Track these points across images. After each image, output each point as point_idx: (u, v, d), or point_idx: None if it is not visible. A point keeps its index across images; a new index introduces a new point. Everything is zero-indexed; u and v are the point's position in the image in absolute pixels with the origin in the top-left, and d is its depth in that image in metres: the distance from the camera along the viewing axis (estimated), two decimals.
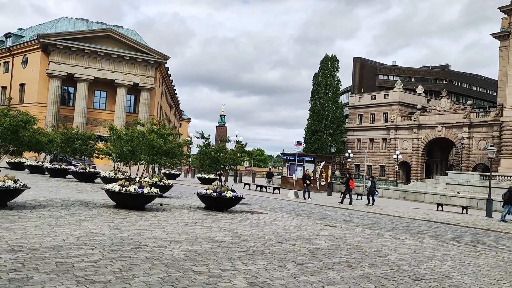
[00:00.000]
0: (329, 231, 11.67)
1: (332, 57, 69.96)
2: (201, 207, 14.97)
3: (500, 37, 56.33)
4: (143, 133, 12.30)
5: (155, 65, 48.57)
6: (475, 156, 56.73)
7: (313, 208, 20.17)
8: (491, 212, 22.18)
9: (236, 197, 14.24)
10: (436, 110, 61.51)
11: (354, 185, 24.25)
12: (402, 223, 16.12)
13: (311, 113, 70.59)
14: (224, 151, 14.27)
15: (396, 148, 65.33)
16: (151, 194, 12.61)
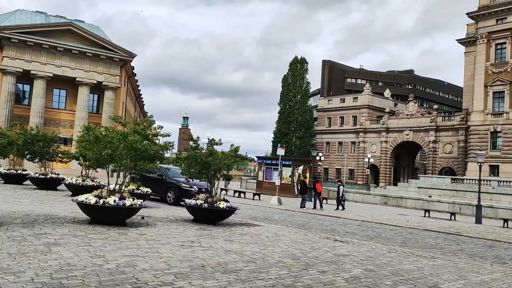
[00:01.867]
0: (344, 248, 10.14)
1: (301, 59, 69.26)
2: (187, 219, 13.09)
3: (465, 43, 57.43)
4: (125, 134, 10.31)
5: (121, 63, 45.78)
6: (441, 160, 57.38)
7: (303, 216, 18.67)
8: (481, 219, 21.47)
9: (230, 208, 12.47)
10: (404, 114, 61.92)
11: (321, 189, 23.10)
12: (407, 234, 14.86)
13: (280, 115, 69.54)
14: (217, 155, 12.46)
15: (365, 152, 65.29)
16: (135, 207, 10.63)
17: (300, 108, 68.29)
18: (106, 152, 9.96)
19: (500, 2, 47.85)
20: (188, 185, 18.25)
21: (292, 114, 68.33)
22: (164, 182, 19.35)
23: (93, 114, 45.18)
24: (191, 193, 17.36)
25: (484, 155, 23.38)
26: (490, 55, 48.28)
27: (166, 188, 19.19)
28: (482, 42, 48.96)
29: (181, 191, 18.48)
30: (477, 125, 48.86)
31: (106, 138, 10.14)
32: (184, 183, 18.22)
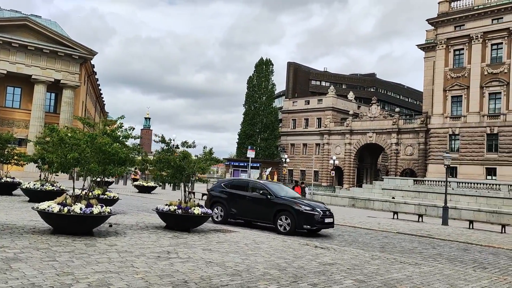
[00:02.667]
0: (327, 256, 9.75)
1: (267, 61, 69.26)
2: (159, 226, 12.32)
3: (425, 49, 59.18)
4: (93, 136, 9.47)
5: (80, 61, 43.86)
6: (402, 162, 58.77)
7: None
8: (447, 220, 21.82)
9: (206, 213, 11.83)
10: (367, 117, 63.03)
11: (300, 192, 22.87)
12: (382, 238, 14.72)
13: (245, 117, 69.22)
14: (191, 159, 11.78)
15: (329, 153, 65.95)
16: (103, 215, 9.79)
17: (265, 110, 68.23)
18: (72, 155, 9.10)
19: (458, 9, 49.55)
20: (309, 207, 13.79)
21: (257, 115, 68.16)
22: (270, 203, 14.26)
23: (50, 113, 43.02)
24: (315, 218, 13.56)
25: (450, 158, 23.85)
26: (449, 61, 49.87)
27: (276, 211, 14.04)
28: (441, 48, 50.49)
29: (300, 215, 13.60)
30: (437, 128, 50.32)
31: (72, 140, 9.27)
32: (305, 205, 13.91)
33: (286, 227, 13.78)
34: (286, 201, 14.22)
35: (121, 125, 10.55)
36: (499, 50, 46.32)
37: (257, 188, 15.08)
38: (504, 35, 45.56)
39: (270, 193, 14.47)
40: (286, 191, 15.41)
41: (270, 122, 68.02)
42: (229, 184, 16.03)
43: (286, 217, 13.82)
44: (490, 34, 46.60)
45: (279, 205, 14.11)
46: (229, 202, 15.23)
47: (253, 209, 14.76)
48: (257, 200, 14.70)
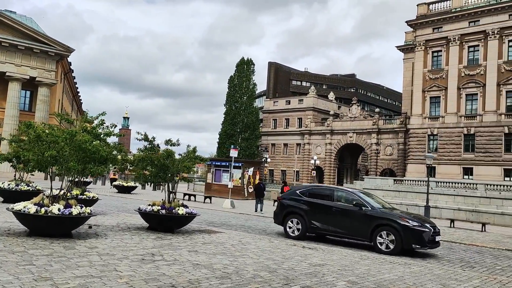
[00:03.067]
0: (316, 256, 9.54)
1: (248, 60, 68.95)
2: (141, 227, 11.90)
3: (404, 50, 59.96)
4: (72, 133, 9.00)
5: (57, 58, 42.66)
6: (382, 161, 59.30)
7: (260, 220, 17.98)
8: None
9: (190, 214, 11.47)
10: (347, 117, 63.41)
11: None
12: None
13: (226, 116, 68.78)
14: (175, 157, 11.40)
15: (310, 153, 66.11)
16: (83, 216, 9.34)
17: (246, 110, 67.92)
18: (49, 153, 8.62)
19: (437, 12, 50.29)
20: (417, 222, 11.64)
21: (238, 115, 67.83)
22: (366, 216, 12.05)
23: (25, 112, 41.72)
24: (425, 236, 11.37)
25: (432, 157, 24.05)
26: (428, 62, 50.54)
27: (375, 226, 11.84)
28: (420, 50, 51.14)
29: (407, 232, 11.35)
30: (416, 128, 50.92)
31: (49, 138, 8.79)
32: (411, 219, 11.73)
33: (389, 245, 11.48)
34: (387, 214, 12.00)
35: (102, 121, 10.10)
36: (476, 52, 47.17)
37: (344, 197, 12.96)
38: (480, 38, 46.42)
39: (364, 204, 12.27)
40: (379, 201, 13.32)
41: (251, 122, 67.75)
42: (307, 192, 13.57)
43: (388, 233, 11.55)
44: (467, 37, 47.42)
45: (378, 218, 11.83)
46: (309, 214, 12.88)
47: (341, 223, 12.44)
48: (347, 212, 12.38)
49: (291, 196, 13.80)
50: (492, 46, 45.41)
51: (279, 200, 14.25)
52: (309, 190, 13.87)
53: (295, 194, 13.79)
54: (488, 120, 45.29)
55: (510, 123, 43.96)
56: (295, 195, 13.72)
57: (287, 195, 14.09)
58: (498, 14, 45.35)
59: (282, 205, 13.79)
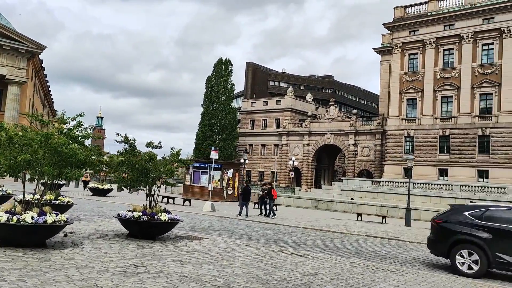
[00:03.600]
0: (307, 264, 9.19)
1: (226, 60, 68.40)
2: (120, 234, 11.29)
3: (381, 52, 60.57)
4: (47, 135, 8.36)
5: (28, 55, 41.10)
6: (359, 163, 59.70)
7: (243, 225, 17.53)
8: (410, 221, 22.00)
9: (173, 220, 10.93)
10: (325, 118, 63.59)
11: (277, 195, 22.17)
12: (354, 242, 14.37)
13: (204, 117, 67.99)
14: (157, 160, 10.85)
15: (288, 154, 66.04)
16: (59, 224, 8.70)
17: (224, 110, 67.30)
18: (22, 157, 7.96)
19: (413, 15, 50.98)
20: None
21: (216, 115, 67.16)
22: None
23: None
24: None
25: (413, 159, 24.15)
26: (404, 64, 51.16)
27: None
28: (397, 52, 51.72)
29: None
30: (393, 130, 51.45)
31: (23, 140, 8.13)
32: None
33: None
34: None
35: (80, 123, 9.45)
36: (451, 56, 48.01)
37: None
38: (455, 41, 47.27)
39: None
40: None
41: (228, 122, 67.16)
42: (483, 214, 10.36)
43: None
44: (442, 40, 48.23)
45: None
46: (493, 244, 9.71)
47: None
48: None
49: (456, 218, 10.61)
50: (466, 50, 46.32)
51: (437, 223, 10.97)
52: (486, 211, 10.50)
53: (461, 215, 10.62)
54: (462, 122, 46.15)
55: (484, 125, 44.90)
56: (462, 216, 10.56)
57: (449, 217, 10.92)
58: (472, 18, 46.29)
59: (444, 230, 10.60)
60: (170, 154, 11.52)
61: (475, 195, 37.48)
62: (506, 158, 43.27)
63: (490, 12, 45.23)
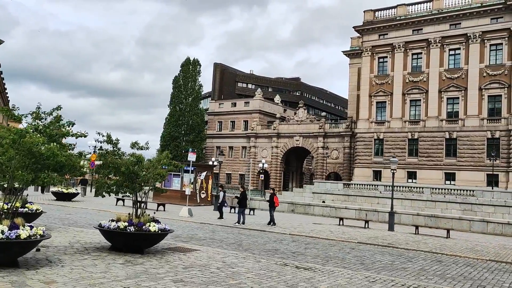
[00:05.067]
0: (320, 280, 8.24)
1: (194, 61, 66.86)
2: (101, 247, 9.90)
3: (350, 55, 60.90)
4: (21, 133, 6.98)
5: None
6: (328, 165, 59.66)
7: (229, 232, 16.37)
8: (393, 226, 21.54)
9: (164, 230, 9.67)
10: (294, 120, 63.25)
11: (279, 203, 20.72)
12: (351, 251, 13.52)
13: (170, 118, 66.09)
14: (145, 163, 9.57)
15: (256, 156, 65.21)
16: (34, 239, 7.29)
17: (191, 111, 65.65)
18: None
19: (382, 19, 51.46)
20: None
21: (183, 117, 65.43)
22: None
23: None
24: None
25: (397, 162, 23.77)
26: (374, 68, 51.51)
27: None
28: (367, 55, 52.03)
29: None
30: (363, 133, 51.61)
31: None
32: None
33: None
34: None
35: (58, 118, 8.04)
36: (419, 60, 48.76)
37: None
38: (423, 46, 48.04)
39: None
40: None
41: (196, 124, 65.61)
42: None
43: None
44: (411, 44, 48.90)
45: None
46: None
47: None
48: None
49: None
50: (434, 54, 47.16)
51: None
52: None
53: None
54: (430, 125, 46.89)
55: (451, 128, 45.78)
56: None
57: None
58: (439, 23, 47.18)
59: None
60: (157, 157, 10.25)
61: (445, 197, 37.94)
62: (472, 161, 44.28)
63: (457, 18, 46.25)
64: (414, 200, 38.76)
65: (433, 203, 38.14)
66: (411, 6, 49.79)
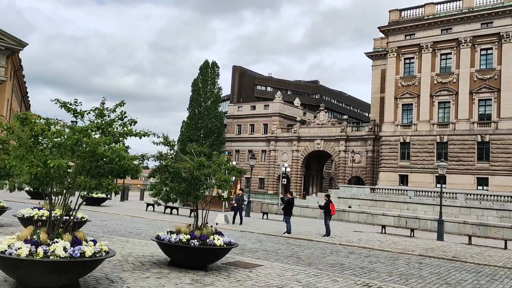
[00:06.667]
0: None
1: (213, 63, 66.01)
2: (157, 261, 8.82)
3: (373, 57, 59.42)
4: (85, 132, 5.95)
5: (7, 53, 37.48)
6: (350, 169, 58.24)
7: (277, 242, 15.19)
8: (443, 235, 20.07)
9: (229, 244, 8.56)
10: (315, 123, 61.98)
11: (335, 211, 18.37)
12: (420, 266, 12.24)
13: (189, 121, 65.28)
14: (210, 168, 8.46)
15: (276, 160, 64.08)
16: (99, 257, 6.23)
17: (210, 114, 64.79)
18: (56, 162, 5.49)
19: (409, 18, 49.98)
20: None
21: (202, 120, 64.58)
22: None
23: None
24: None
25: (445, 167, 22.36)
26: (400, 69, 49.97)
27: None
28: (392, 56, 50.54)
29: None
30: (388, 136, 50.06)
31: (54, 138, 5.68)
32: None
33: None
34: None
35: (123, 114, 6.95)
36: (448, 60, 47.11)
37: None
38: (453, 46, 46.40)
39: None
40: None
41: (215, 127, 64.68)
42: None
43: None
44: (439, 44, 47.29)
45: None
46: None
47: None
48: None
49: None
50: (465, 55, 45.48)
51: None
52: None
53: None
54: (461, 128, 45.15)
55: (483, 131, 44.01)
56: None
57: None
58: (470, 22, 45.53)
59: None
60: (217, 161, 9.12)
61: (481, 203, 36.30)
62: (506, 166, 42.46)
63: (488, 16, 44.58)
64: (447, 206, 37.12)
65: (467, 209, 36.51)
66: (440, 5, 48.21)
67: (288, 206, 18.28)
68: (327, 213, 17.50)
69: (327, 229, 17.41)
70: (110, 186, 6.41)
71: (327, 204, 17.80)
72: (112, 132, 6.64)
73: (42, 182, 5.85)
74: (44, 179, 5.74)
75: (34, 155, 5.67)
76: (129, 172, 6.83)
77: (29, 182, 5.84)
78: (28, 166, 5.48)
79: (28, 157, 5.62)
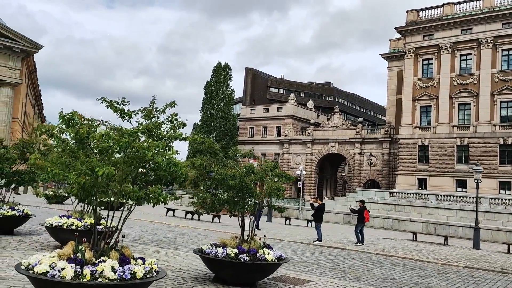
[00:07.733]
0: None
1: (225, 65, 65.46)
2: (199, 276, 8.06)
3: (388, 58, 58.37)
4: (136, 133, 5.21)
5: (22, 55, 37.12)
6: (365, 172, 57.17)
7: (315, 253, 14.35)
8: (479, 243, 19.03)
9: (280, 259, 7.76)
10: (329, 126, 61.04)
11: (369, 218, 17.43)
12: (475, 281, 11.36)
13: (202, 124, 64.76)
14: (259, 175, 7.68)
15: (289, 163, 63.20)
16: (149, 279, 5.46)
17: (223, 116, 64.20)
18: (105, 170, 4.75)
19: (427, 18, 48.93)
20: None
21: (215, 122, 64.01)
22: None
23: None
24: None
25: (481, 171, 21.36)
26: (418, 70, 48.91)
27: None
28: (410, 57, 49.50)
29: None
30: (406, 139, 48.97)
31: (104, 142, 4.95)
32: None
33: None
34: None
35: (174, 116, 6.17)
36: (468, 61, 45.98)
37: None
38: (473, 46, 45.29)
39: None
40: None
41: (228, 129, 64.12)
42: None
43: None
44: (459, 45, 46.19)
45: None
46: None
47: None
48: None
49: None
50: (485, 55, 44.34)
51: None
52: None
53: None
54: (482, 130, 43.99)
55: (505, 134, 42.81)
56: None
57: None
58: (491, 22, 44.41)
59: None
60: (264, 166, 8.34)
61: (506, 208, 35.11)
62: None
63: (510, 16, 43.43)
64: (469, 211, 35.95)
65: (492, 214, 35.31)
66: (459, 4, 47.14)
67: (319, 212, 17.39)
68: (361, 219, 16.64)
69: (359, 236, 16.55)
70: (160, 196, 5.65)
71: (361, 210, 16.94)
72: (161, 135, 5.88)
73: (89, 193, 5.12)
74: (92, 189, 5.00)
75: (81, 162, 4.94)
76: (178, 180, 6.07)
77: (76, 193, 5.10)
78: (75, 175, 4.76)
79: (74, 164, 4.89)
